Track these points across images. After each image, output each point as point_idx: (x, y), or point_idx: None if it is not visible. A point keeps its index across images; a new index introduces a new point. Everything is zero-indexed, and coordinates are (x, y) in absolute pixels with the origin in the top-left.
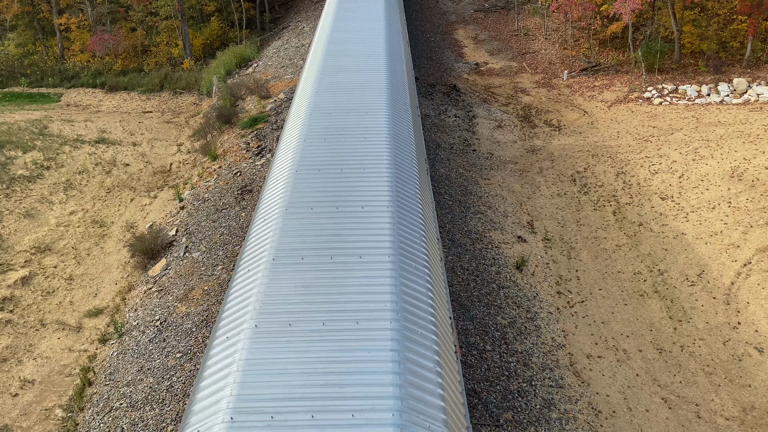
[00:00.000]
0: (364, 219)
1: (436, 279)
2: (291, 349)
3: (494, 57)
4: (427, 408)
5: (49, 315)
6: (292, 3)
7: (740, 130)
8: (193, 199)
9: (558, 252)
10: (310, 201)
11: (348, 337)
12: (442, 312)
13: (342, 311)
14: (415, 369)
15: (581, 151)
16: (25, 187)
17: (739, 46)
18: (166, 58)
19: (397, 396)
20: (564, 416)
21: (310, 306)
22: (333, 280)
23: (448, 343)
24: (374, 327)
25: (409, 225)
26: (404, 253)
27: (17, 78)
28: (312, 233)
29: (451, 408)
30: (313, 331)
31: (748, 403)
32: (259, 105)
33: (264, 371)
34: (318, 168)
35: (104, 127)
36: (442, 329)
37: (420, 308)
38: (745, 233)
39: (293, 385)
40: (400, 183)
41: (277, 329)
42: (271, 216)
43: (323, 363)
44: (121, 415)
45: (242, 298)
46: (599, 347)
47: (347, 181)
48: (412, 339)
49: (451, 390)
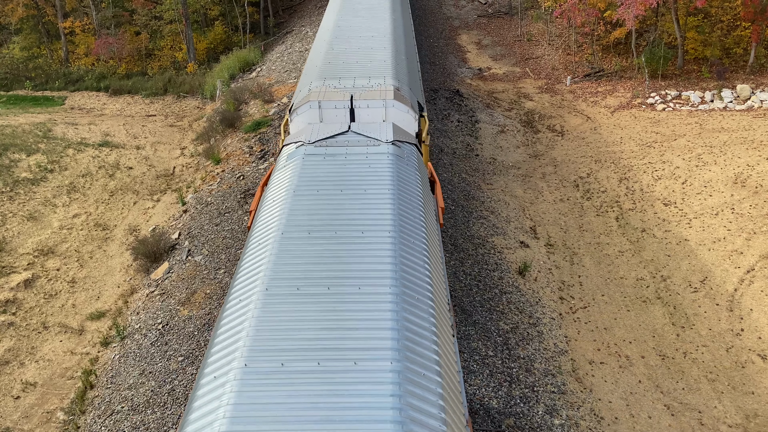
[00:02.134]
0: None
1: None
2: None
3: (497, 62)
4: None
5: (52, 318)
6: (296, 8)
7: (744, 137)
8: (196, 202)
9: (561, 257)
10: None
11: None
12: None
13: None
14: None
15: (584, 157)
16: (29, 190)
17: (742, 52)
18: (170, 62)
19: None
20: (566, 423)
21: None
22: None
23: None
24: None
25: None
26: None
27: (22, 81)
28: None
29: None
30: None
31: (751, 410)
32: (263, 109)
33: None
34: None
35: (108, 130)
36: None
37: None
38: (749, 240)
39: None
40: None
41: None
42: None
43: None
44: (123, 419)
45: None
46: (602, 353)
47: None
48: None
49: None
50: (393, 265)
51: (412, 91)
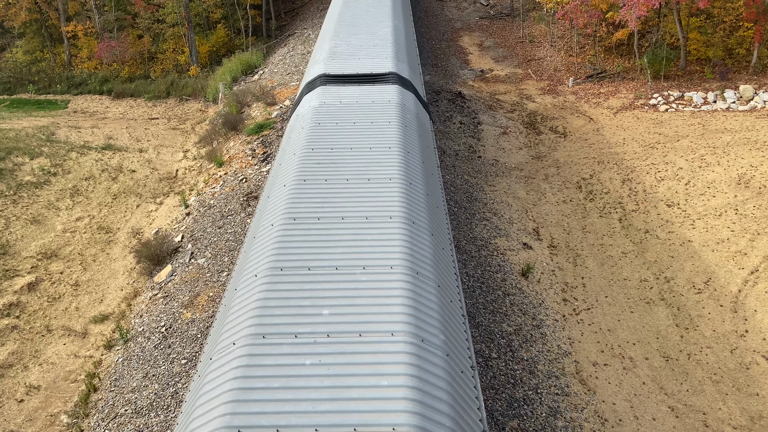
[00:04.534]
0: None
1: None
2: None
3: (499, 64)
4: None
5: (55, 321)
6: (298, 10)
7: (747, 137)
8: (199, 205)
9: (564, 259)
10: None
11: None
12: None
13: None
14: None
15: (587, 158)
16: (32, 193)
17: (745, 53)
18: (173, 65)
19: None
20: (570, 424)
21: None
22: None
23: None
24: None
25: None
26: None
27: (25, 85)
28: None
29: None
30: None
31: (755, 411)
32: (265, 112)
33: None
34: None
35: (111, 133)
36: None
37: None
38: (753, 240)
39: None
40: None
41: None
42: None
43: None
44: (126, 422)
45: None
46: (605, 355)
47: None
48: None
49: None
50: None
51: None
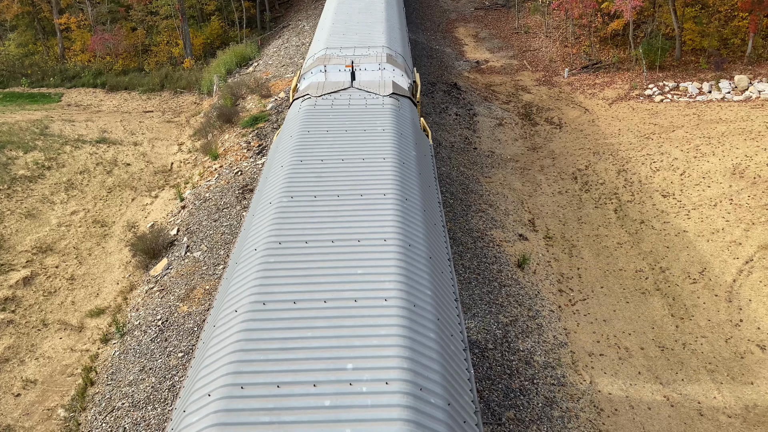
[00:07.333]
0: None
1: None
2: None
3: (495, 55)
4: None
5: (51, 315)
6: (293, 2)
7: (742, 127)
8: (194, 198)
9: (559, 250)
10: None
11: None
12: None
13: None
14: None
15: (582, 149)
16: (27, 187)
17: (740, 43)
18: (167, 58)
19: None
20: (566, 414)
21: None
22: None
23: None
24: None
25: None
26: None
27: (18, 78)
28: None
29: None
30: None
31: (750, 400)
32: (260, 104)
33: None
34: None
35: (105, 126)
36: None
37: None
38: (747, 230)
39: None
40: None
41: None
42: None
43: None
44: (123, 415)
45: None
46: (601, 345)
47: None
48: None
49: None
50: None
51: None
